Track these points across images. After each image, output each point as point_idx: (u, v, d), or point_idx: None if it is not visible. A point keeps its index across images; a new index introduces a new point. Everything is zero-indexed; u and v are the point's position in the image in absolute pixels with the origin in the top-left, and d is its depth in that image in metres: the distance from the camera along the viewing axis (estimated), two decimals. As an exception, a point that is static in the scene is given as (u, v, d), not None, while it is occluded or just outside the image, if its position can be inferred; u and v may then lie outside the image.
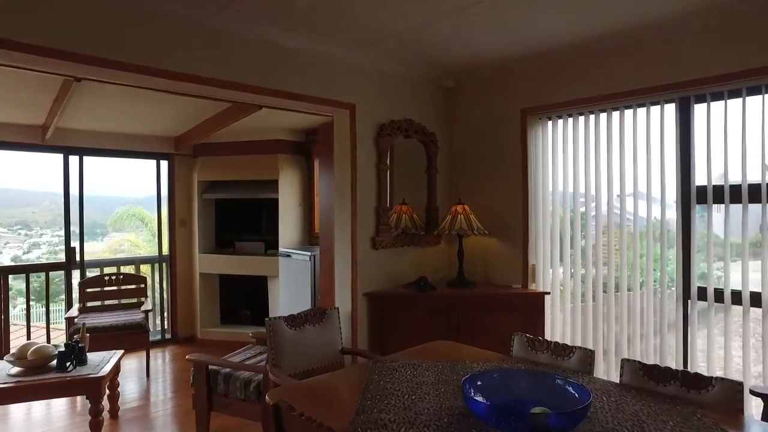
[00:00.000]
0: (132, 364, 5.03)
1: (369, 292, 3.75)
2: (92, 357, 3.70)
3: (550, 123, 3.82)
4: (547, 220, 3.82)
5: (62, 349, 3.47)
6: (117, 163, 6.06)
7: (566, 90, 3.60)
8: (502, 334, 3.55)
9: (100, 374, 3.40)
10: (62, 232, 5.20)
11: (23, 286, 5.26)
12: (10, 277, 5.10)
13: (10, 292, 5.06)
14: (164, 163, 5.83)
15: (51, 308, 5.69)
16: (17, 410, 3.91)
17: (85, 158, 5.27)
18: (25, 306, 5.82)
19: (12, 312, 5.11)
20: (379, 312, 3.72)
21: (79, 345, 3.55)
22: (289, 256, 4.96)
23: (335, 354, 2.88)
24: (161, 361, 5.38)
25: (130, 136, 5.46)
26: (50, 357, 3.46)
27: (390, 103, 3.94)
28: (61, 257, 5.29)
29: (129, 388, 4.49)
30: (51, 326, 5.29)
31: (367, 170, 3.77)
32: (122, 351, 3.91)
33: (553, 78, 3.70)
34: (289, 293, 5.03)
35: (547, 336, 3.70)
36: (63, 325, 4.99)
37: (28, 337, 5.15)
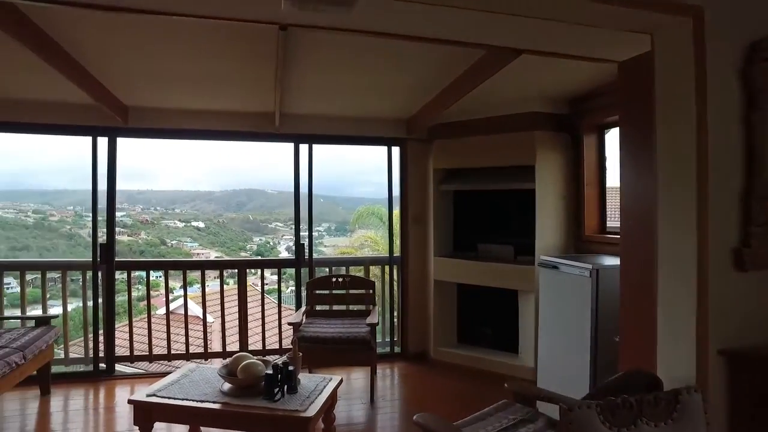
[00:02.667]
0: (357, 382, 4.29)
1: (733, 350, 2.06)
2: (305, 382, 2.95)
3: None
4: None
5: (269, 371, 2.77)
6: (347, 152, 5.55)
7: None
8: None
9: (308, 413, 2.58)
10: (322, 228, 4.79)
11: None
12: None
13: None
14: (396, 151, 5.04)
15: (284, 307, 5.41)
16: None
17: (327, 158, 4.81)
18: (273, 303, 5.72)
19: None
20: (755, 391, 2.01)
21: (289, 368, 2.81)
22: (555, 267, 3.52)
23: (703, 491, 1.38)
24: (389, 381, 4.54)
25: (359, 120, 4.77)
26: (259, 377, 2.80)
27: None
28: (321, 250, 4.93)
29: (350, 415, 3.70)
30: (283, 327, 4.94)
31: (722, 128, 2.10)
32: (339, 378, 3.07)
33: None
34: (553, 320, 3.60)
35: None
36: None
37: (263, 336, 4.85)
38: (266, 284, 5.49)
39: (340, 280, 4.53)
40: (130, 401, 2.77)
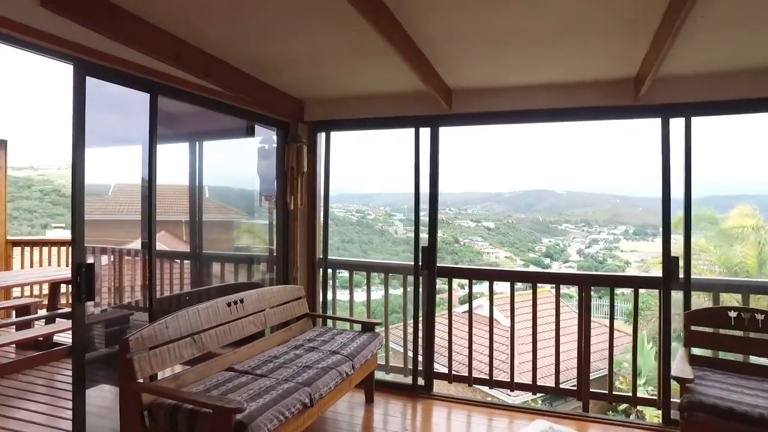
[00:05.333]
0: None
1: None
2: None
3: None
4: None
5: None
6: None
7: None
8: None
9: None
10: (617, 231, 3.47)
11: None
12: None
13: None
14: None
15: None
16: None
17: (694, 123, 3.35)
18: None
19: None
20: None
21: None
22: None
23: None
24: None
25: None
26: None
27: None
28: (617, 255, 3.61)
29: None
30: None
31: None
32: None
33: None
34: None
35: None
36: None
37: (610, 374, 3.69)
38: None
39: (746, 317, 2.99)
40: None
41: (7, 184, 6.28)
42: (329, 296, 4.37)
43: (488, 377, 3.93)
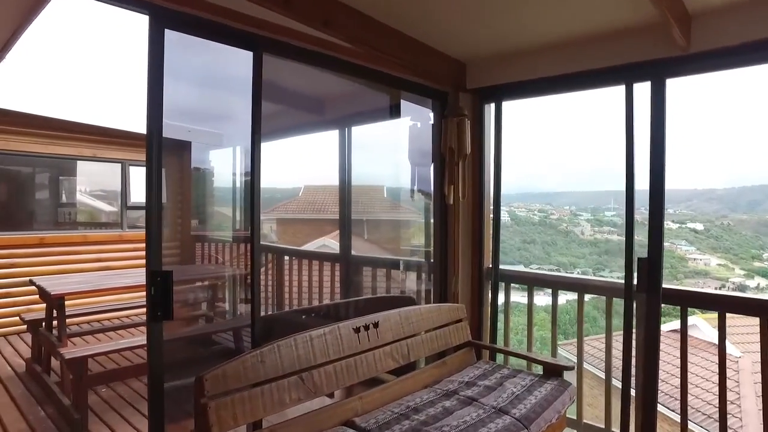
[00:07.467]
0: None
1: None
2: None
3: None
4: None
5: None
6: None
7: None
8: None
9: None
10: None
11: None
12: None
13: None
14: None
15: None
16: None
17: None
18: None
19: None
20: None
21: None
22: None
23: None
24: None
25: None
26: None
27: None
28: None
29: None
30: None
31: None
32: None
33: None
34: None
35: None
36: None
37: None
38: None
39: None
40: None
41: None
42: (500, 317, 3.31)
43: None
